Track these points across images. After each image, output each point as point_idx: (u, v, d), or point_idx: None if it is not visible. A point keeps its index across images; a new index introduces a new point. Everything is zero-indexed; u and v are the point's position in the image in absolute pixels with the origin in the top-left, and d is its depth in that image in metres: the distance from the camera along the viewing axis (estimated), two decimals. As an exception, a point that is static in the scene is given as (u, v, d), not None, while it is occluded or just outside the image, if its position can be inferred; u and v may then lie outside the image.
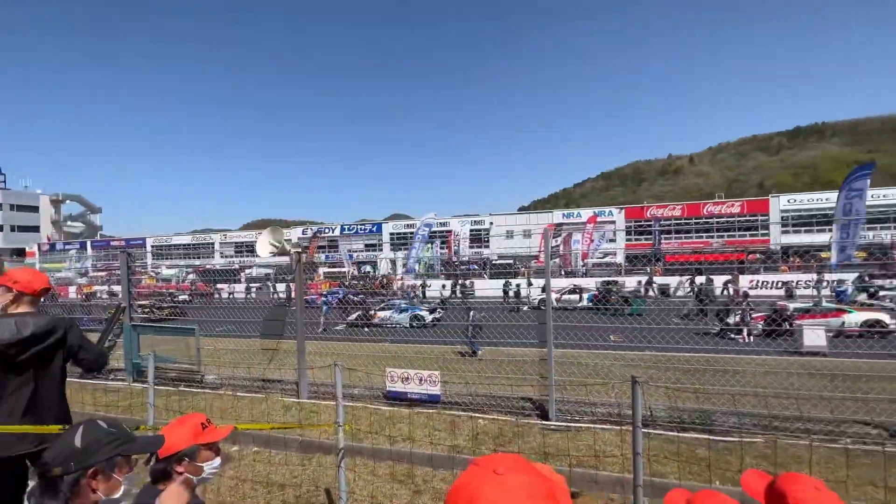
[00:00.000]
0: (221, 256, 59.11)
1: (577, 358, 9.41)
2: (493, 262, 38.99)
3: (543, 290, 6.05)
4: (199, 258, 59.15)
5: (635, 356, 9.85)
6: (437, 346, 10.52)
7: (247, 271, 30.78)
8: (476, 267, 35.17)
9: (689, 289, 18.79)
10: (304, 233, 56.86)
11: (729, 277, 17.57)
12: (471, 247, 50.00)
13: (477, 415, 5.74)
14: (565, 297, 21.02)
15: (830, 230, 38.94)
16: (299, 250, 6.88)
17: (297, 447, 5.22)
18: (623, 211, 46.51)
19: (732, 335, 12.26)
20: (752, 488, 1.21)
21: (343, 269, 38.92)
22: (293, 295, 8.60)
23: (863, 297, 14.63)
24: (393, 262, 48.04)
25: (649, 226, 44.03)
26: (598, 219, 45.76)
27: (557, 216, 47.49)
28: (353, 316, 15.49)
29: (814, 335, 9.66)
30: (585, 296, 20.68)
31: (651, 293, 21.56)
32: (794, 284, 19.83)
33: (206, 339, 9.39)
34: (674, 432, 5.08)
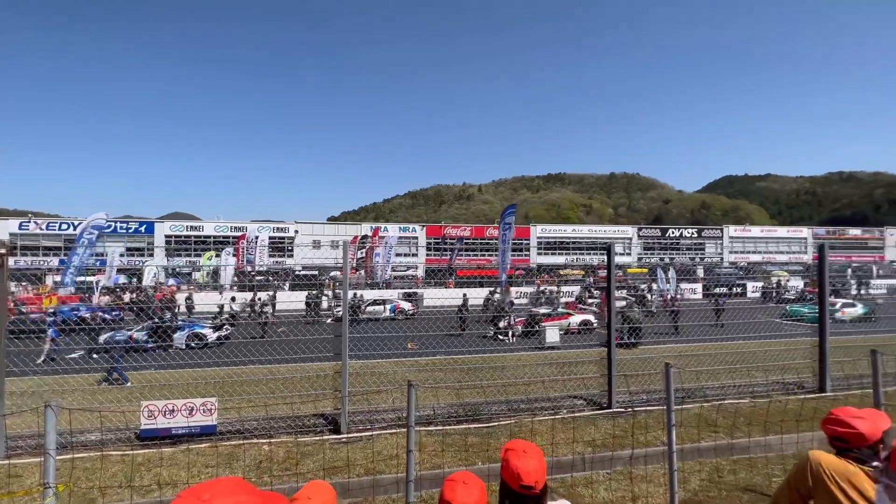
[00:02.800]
0: None
1: (376, 368, 9.70)
2: (297, 272, 36.73)
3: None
4: None
5: (427, 361, 10.80)
6: (224, 369, 9.17)
7: None
8: (269, 278, 32.21)
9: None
10: (21, 227, 41.28)
11: (497, 289, 21.23)
12: (271, 255, 45.84)
13: (262, 440, 5.22)
14: (370, 308, 21.51)
15: (566, 253, 52.11)
16: (3, 251, 4.95)
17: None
18: (425, 228, 50.91)
19: (501, 336, 14.83)
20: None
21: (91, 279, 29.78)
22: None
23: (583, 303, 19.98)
24: (174, 270, 39.64)
25: (446, 243, 49.46)
26: (404, 234, 48.84)
27: (366, 228, 48.41)
28: (103, 338, 12.04)
29: (551, 333, 12.57)
30: (388, 306, 21.62)
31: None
32: (546, 293, 25.43)
33: None
34: (451, 426, 5.77)
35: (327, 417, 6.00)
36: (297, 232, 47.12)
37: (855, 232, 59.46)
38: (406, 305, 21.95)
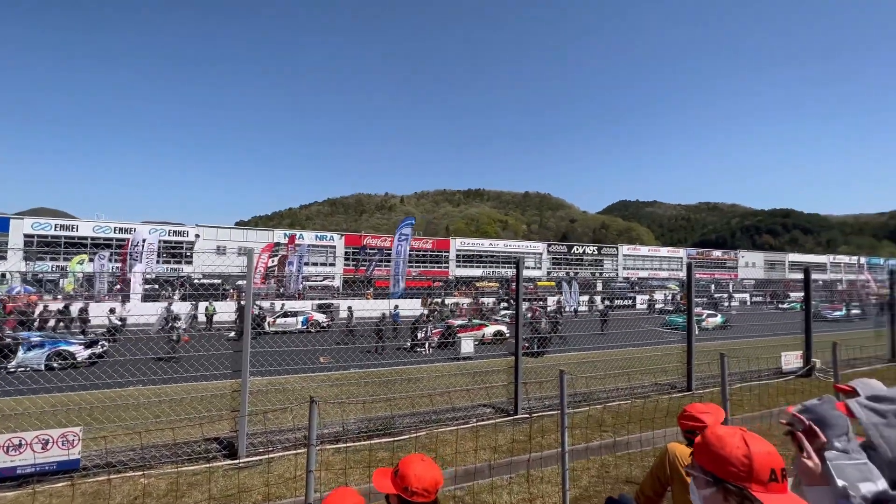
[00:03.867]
0: None
1: (284, 384, 9.11)
2: (194, 280, 33.13)
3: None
4: None
5: (340, 375, 10.42)
6: (95, 392, 7.90)
7: None
8: (157, 286, 28.57)
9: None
10: None
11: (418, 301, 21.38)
12: (167, 261, 40.90)
13: (137, 473, 4.58)
14: (280, 320, 20.17)
15: (482, 266, 54.17)
16: None
17: None
18: (343, 237, 49.44)
19: (418, 348, 14.87)
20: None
21: None
22: None
23: (500, 314, 20.87)
24: (34, 277, 33.22)
25: (366, 253, 48.45)
26: (321, 242, 46.88)
27: (279, 235, 45.54)
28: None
29: (466, 344, 12.93)
30: (300, 318, 20.48)
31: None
32: (462, 305, 26.07)
33: None
34: (360, 441, 5.62)
35: (222, 441, 5.47)
36: (197, 236, 42.69)
37: (717, 253, 70.68)
38: (320, 317, 21.00)
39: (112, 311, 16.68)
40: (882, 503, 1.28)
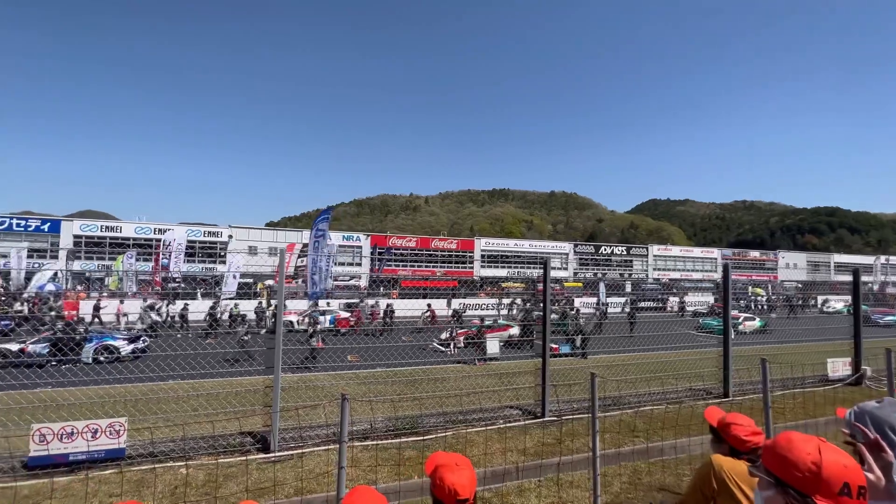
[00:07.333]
0: None
1: (313, 381, 9.32)
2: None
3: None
4: None
5: (368, 374, 10.57)
6: (138, 385, 8.31)
7: None
8: (183, 285, 29.68)
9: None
10: None
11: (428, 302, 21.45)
12: (201, 261, 42.62)
13: (178, 464, 4.79)
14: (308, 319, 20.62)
15: (507, 266, 53.79)
16: None
17: None
18: (370, 237, 50.13)
19: (443, 348, 14.90)
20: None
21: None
22: None
23: (520, 316, 20.65)
24: (82, 276, 35.38)
25: (389, 253, 48.97)
26: (347, 243, 47.73)
27: (307, 236, 46.64)
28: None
29: (492, 345, 12.85)
30: (328, 318, 20.89)
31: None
32: (489, 306, 26.01)
33: None
34: (388, 440, 5.68)
35: (256, 436, 5.65)
36: (230, 237, 44.26)
37: (755, 254, 67.54)
38: (348, 316, 21.35)
39: (152, 307, 17.53)
40: None
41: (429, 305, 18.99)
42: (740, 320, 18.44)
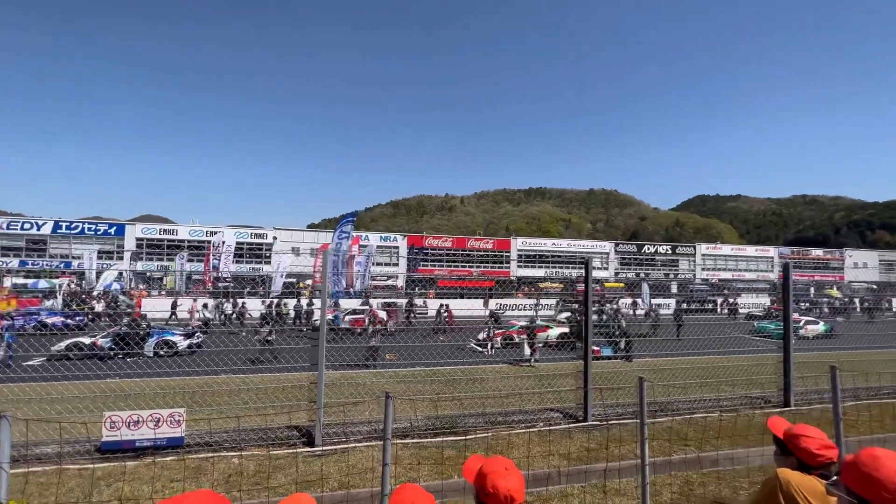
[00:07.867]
0: None
1: (355, 378, 9.56)
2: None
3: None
4: None
5: (407, 373, 10.70)
6: (194, 378, 8.86)
7: None
8: (234, 284, 31.34)
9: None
10: (-21, 226, 39.24)
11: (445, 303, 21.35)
12: (248, 262, 44.85)
13: (231, 453, 5.05)
14: (350, 318, 21.21)
15: (545, 266, 52.83)
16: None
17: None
18: (406, 238, 50.80)
19: (480, 348, 14.84)
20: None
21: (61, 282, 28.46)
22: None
23: (560, 316, 20.21)
24: (144, 276, 38.26)
25: (426, 254, 49.38)
26: (384, 243, 48.63)
27: (347, 237, 47.90)
28: (63, 345, 11.54)
29: (528, 347, 12.64)
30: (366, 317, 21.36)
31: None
32: (526, 307, 25.67)
33: None
34: (428, 438, 5.72)
35: (301, 430, 5.86)
36: (275, 238, 46.28)
37: (817, 252, 62.42)
38: (386, 315, 21.74)
39: (205, 305, 18.64)
40: None
41: (446, 306, 18.83)
42: (802, 324, 17.11)
